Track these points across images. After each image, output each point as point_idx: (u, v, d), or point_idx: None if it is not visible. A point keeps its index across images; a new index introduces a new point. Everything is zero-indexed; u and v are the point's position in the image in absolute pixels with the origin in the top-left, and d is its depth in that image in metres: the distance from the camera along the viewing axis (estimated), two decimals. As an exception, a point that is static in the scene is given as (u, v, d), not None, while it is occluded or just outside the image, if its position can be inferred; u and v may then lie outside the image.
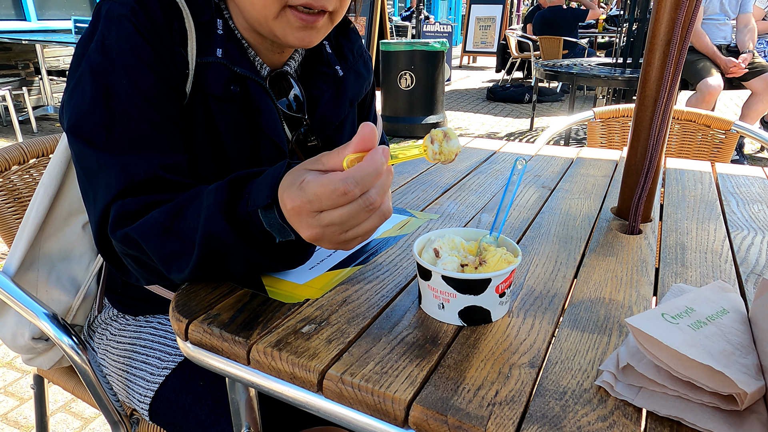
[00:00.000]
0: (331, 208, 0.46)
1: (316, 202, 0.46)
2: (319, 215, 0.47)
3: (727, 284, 0.54)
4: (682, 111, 1.56)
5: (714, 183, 0.91)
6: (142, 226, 0.58)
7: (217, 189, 0.57)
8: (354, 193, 0.46)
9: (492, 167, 1.01)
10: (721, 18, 3.66)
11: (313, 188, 0.46)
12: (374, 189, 0.47)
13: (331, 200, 0.46)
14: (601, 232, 0.71)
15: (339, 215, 0.46)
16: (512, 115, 6.08)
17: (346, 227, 0.47)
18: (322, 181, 0.46)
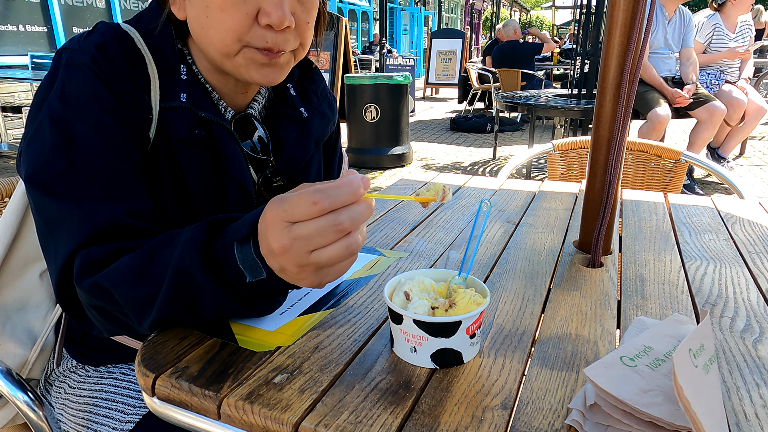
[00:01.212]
0: (301, 219, 0.47)
1: (289, 210, 0.47)
2: (291, 226, 0.47)
3: (684, 316, 0.56)
4: (635, 142, 1.64)
5: (668, 214, 0.95)
6: (112, 273, 0.57)
7: (196, 228, 0.57)
8: (323, 204, 0.46)
9: (458, 202, 1.04)
10: (666, 52, 3.90)
11: (288, 198, 0.47)
12: (346, 211, 0.48)
13: (302, 209, 0.47)
14: (565, 266, 0.73)
15: (307, 228, 0.47)
16: (475, 145, 6.23)
17: (313, 245, 0.47)
18: (298, 192, 0.48)
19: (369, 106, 4.90)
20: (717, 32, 4.15)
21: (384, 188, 4.34)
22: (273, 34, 0.67)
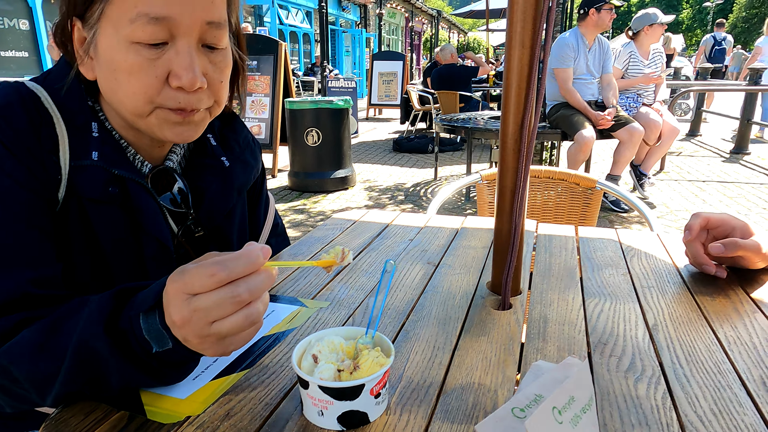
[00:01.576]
0: (200, 291, 0.48)
1: (189, 282, 0.49)
2: (190, 298, 0.48)
3: (576, 359, 0.61)
4: (555, 171, 1.74)
5: (576, 248, 1.03)
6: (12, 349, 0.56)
7: (101, 298, 0.56)
8: (221, 276, 0.48)
9: (383, 243, 1.07)
10: (588, 77, 4.16)
11: (188, 270, 0.48)
12: (244, 282, 0.49)
13: (200, 281, 0.48)
14: (476, 309, 0.77)
15: (205, 300, 0.48)
16: (417, 165, 6.36)
17: (212, 316, 0.49)
18: (197, 264, 0.49)
19: (310, 131, 4.91)
20: (633, 59, 4.48)
21: (327, 212, 4.33)
22: (185, 94, 0.68)
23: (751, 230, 0.85)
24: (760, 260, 0.84)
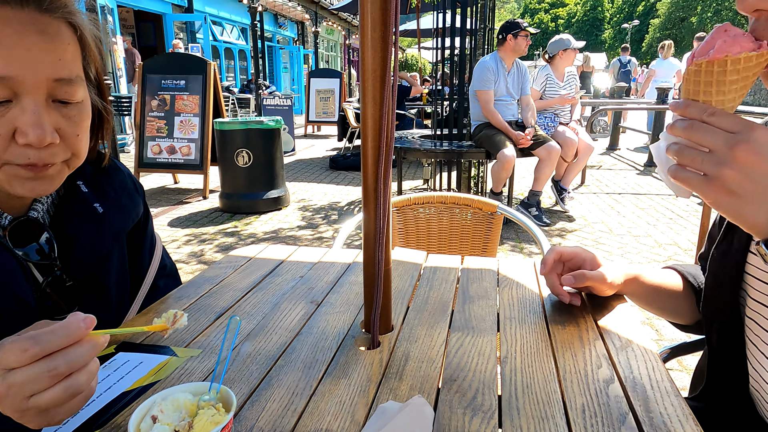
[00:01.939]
0: (15, 366, 0.48)
1: (3, 358, 0.48)
2: (6, 373, 0.48)
3: (422, 399, 0.65)
4: (459, 197, 1.83)
5: (456, 280, 1.08)
6: None
7: None
8: (34, 351, 0.48)
9: (273, 281, 1.08)
10: (508, 99, 4.38)
11: (4, 345, 0.48)
12: (62, 356, 0.49)
13: (14, 356, 0.48)
14: (344, 350, 0.80)
15: (20, 375, 0.48)
16: (353, 183, 6.40)
17: (27, 391, 0.49)
18: (12, 339, 0.48)
19: (240, 151, 4.86)
20: (549, 81, 4.75)
21: (259, 234, 4.27)
22: (35, 150, 0.68)
23: (598, 262, 0.93)
24: (607, 288, 0.92)
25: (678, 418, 0.63)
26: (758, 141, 0.51)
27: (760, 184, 0.51)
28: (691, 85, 0.55)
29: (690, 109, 0.55)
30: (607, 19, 75.47)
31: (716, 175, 0.52)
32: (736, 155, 0.51)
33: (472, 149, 4.34)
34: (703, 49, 0.54)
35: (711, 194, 0.54)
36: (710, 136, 0.53)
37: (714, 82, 0.52)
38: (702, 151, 0.53)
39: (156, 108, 5.64)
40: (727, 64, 0.51)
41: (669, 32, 49.32)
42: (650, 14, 58.51)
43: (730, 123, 0.52)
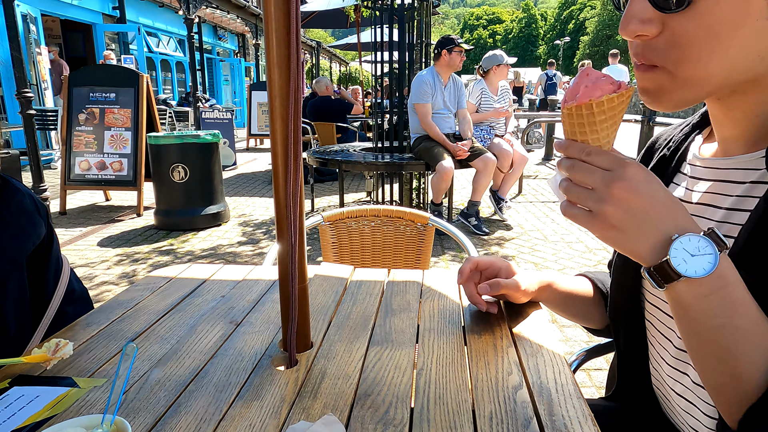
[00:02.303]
0: None
1: None
2: None
3: (334, 417, 0.65)
4: (391, 210, 1.84)
5: (380, 294, 1.09)
6: None
7: None
8: None
9: (192, 302, 1.05)
10: (446, 112, 4.49)
11: None
12: None
13: None
14: (260, 371, 0.79)
15: None
16: (296, 197, 6.32)
17: None
18: None
19: (176, 166, 4.70)
20: (484, 95, 4.91)
21: (196, 251, 4.14)
22: None
23: (513, 270, 0.97)
24: (522, 295, 0.96)
25: (578, 419, 0.66)
26: (632, 178, 0.54)
27: (636, 218, 0.55)
28: (568, 127, 0.59)
29: (570, 149, 0.58)
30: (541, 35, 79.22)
31: (599, 211, 0.56)
32: (613, 192, 0.54)
33: (412, 161, 4.41)
34: (571, 94, 0.57)
35: (597, 229, 0.57)
36: (590, 175, 0.56)
37: (586, 123, 0.56)
38: (586, 189, 0.57)
39: (84, 122, 5.37)
40: (593, 107, 0.55)
41: (597, 48, 52.42)
42: (580, 32, 62.02)
43: (605, 161, 0.56)
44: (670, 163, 0.82)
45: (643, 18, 0.57)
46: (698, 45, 0.56)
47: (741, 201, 0.65)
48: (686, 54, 0.57)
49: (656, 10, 0.57)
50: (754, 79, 0.59)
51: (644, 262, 0.57)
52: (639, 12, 0.58)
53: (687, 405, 0.76)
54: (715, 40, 0.55)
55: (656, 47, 0.58)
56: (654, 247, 0.56)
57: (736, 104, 0.64)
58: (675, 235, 0.55)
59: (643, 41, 0.59)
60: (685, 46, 0.56)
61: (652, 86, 0.62)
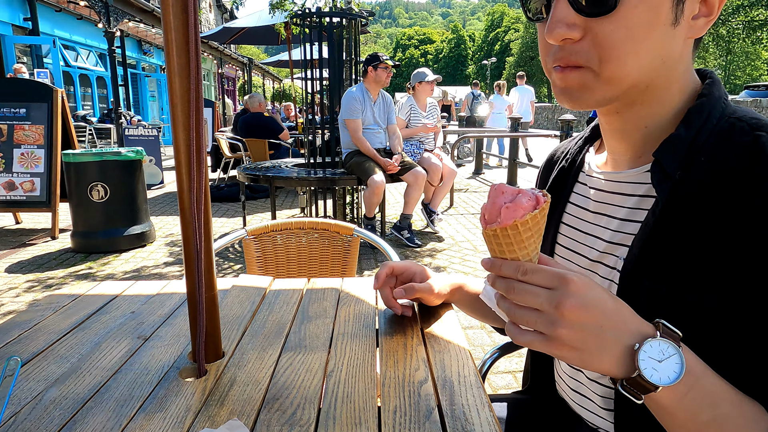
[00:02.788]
0: None
1: None
2: None
3: (238, 422, 0.65)
4: (317, 222, 1.85)
5: (298, 301, 1.10)
6: None
7: None
8: None
9: (100, 319, 1.01)
10: (376, 128, 4.57)
11: None
12: None
13: None
14: (165, 383, 0.77)
15: None
16: (228, 215, 6.18)
17: None
18: None
19: (95, 185, 4.47)
20: (413, 111, 5.05)
21: (118, 274, 3.93)
22: None
23: (428, 274, 1.01)
24: (435, 298, 1.00)
25: (476, 407, 0.70)
26: (579, 293, 0.52)
27: (593, 334, 0.52)
28: (495, 246, 0.56)
29: (504, 269, 0.55)
30: (470, 56, 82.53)
31: (554, 335, 0.53)
32: (564, 314, 0.51)
33: (344, 176, 4.44)
34: (491, 215, 0.55)
35: (556, 352, 0.54)
36: (533, 297, 0.53)
37: (513, 242, 0.54)
38: (532, 311, 0.54)
39: (-11, 139, 4.98)
40: (518, 227, 0.53)
41: (522, 68, 55.30)
42: (506, 53, 65.28)
43: (546, 279, 0.53)
44: (569, 174, 0.88)
45: (568, 23, 0.61)
46: (618, 46, 0.60)
47: (633, 212, 0.71)
48: (608, 54, 0.61)
49: (579, 15, 0.60)
50: (651, 85, 0.65)
51: (614, 376, 0.55)
52: (564, 17, 0.61)
53: (582, 399, 0.82)
54: (632, 41, 0.60)
55: (580, 50, 0.62)
56: (619, 361, 0.54)
57: (629, 117, 0.69)
58: (636, 344, 0.53)
59: (567, 44, 0.63)
60: (607, 47, 0.60)
61: (576, 85, 0.64)
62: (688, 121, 0.65)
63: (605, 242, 0.74)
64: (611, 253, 0.73)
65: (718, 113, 0.65)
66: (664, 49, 0.62)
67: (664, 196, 0.64)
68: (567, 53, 0.63)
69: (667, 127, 0.68)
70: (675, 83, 0.67)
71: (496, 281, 0.57)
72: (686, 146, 0.64)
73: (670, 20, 0.60)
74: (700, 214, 0.61)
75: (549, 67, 0.67)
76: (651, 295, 0.64)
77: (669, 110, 0.68)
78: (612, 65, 0.61)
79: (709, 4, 0.62)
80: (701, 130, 0.64)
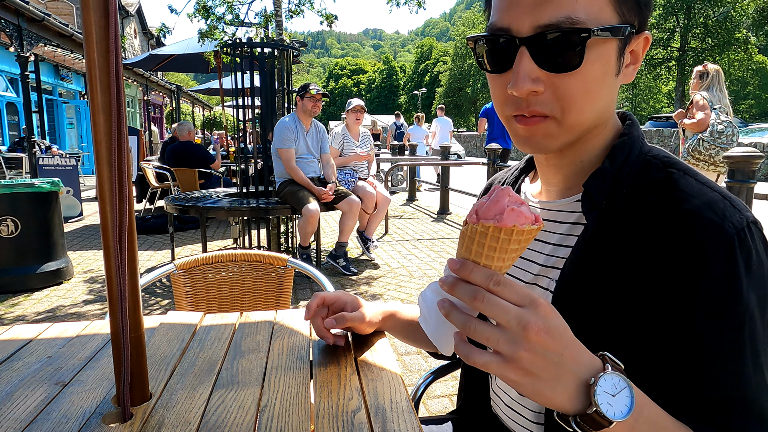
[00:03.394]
0: None
1: None
2: None
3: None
4: (249, 254, 1.83)
5: (231, 336, 1.08)
6: None
7: None
8: None
9: (11, 366, 0.94)
10: (309, 157, 4.59)
11: None
12: None
13: None
14: (87, 431, 0.73)
15: None
16: (155, 247, 5.91)
17: None
18: None
19: (4, 220, 4.14)
20: (346, 140, 5.13)
21: (29, 315, 3.63)
22: None
23: (359, 303, 1.03)
24: (367, 326, 1.02)
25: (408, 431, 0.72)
26: (546, 318, 0.51)
27: (552, 362, 0.51)
28: (474, 246, 0.52)
29: (475, 274, 0.51)
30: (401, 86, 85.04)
31: (513, 356, 0.50)
32: (530, 336, 0.50)
33: (278, 206, 4.40)
34: (491, 211, 0.52)
35: (512, 376, 0.51)
36: (502, 312, 0.50)
37: (498, 248, 0.51)
38: (494, 328, 0.51)
39: None
40: (512, 234, 0.50)
41: (451, 99, 57.78)
42: (435, 84, 67.91)
43: (516, 295, 0.51)
44: None
45: (533, 77, 0.66)
46: (579, 97, 0.67)
47: (564, 238, 0.78)
48: (570, 105, 0.67)
49: (543, 70, 0.66)
50: (595, 126, 0.73)
51: (564, 410, 0.54)
52: (529, 72, 0.65)
53: (515, 414, 0.87)
54: (590, 93, 0.67)
55: (544, 101, 0.67)
56: (572, 395, 0.53)
57: (569, 154, 0.76)
58: (592, 379, 0.53)
59: (531, 96, 0.67)
60: (569, 99, 0.67)
61: (541, 134, 0.70)
62: (612, 156, 0.73)
63: (539, 265, 0.80)
64: (545, 275, 0.79)
65: (637, 151, 0.74)
66: (609, 96, 0.71)
67: (593, 223, 0.72)
68: (531, 104, 0.68)
69: (596, 161, 0.76)
70: (608, 123, 0.76)
71: (458, 286, 0.52)
72: (611, 179, 0.72)
73: (615, 71, 0.69)
74: (623, 239, 0.68)
75: (507, 115, 0.72)
76: (582, 314, 0.70)
77: (599, 146, 0.76)
78: (573, 114, 0.68)
79: (635, 54, 0.72)
80: (623, 165, 0.73)
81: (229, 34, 6.16)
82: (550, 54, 0.64)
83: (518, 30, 0.66)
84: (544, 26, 0.64)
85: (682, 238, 0.63)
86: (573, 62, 0.64)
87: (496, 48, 0.69)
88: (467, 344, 0.53)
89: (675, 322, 0.63)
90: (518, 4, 0.65)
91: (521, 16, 0.65)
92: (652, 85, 40.49)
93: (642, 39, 0.71)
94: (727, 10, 29.76)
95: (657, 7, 31.95)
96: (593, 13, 0.64)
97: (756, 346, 0.62)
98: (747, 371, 0.61)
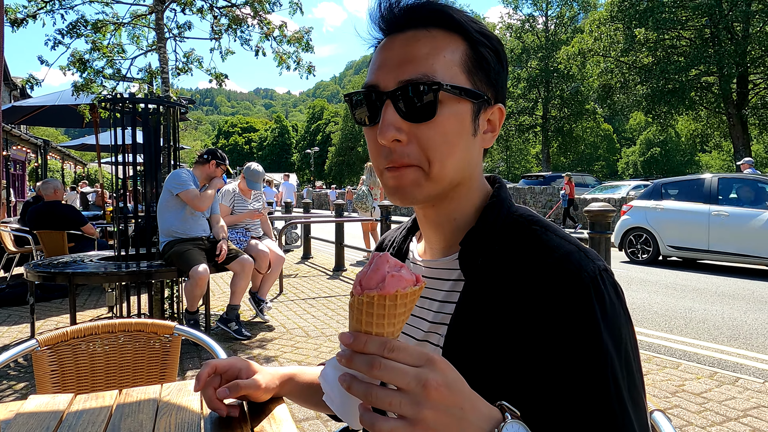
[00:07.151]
0: None
1: None
2: None
3: None
4: (130, 323, 1.67)
5: (107, 421, 0.96)
6: None
7: None
8: None
9: None
10: (199, 215, 4.39)
11: None
12: None
13: None
14: None
15: None
16: (10, 321, 5.15)
17: None
18: None
19: None
20: (237, 197, 5.00)
21: None
22: None
23: (254, 369, 0.98)
24: (263, 393, 0.97)
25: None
26: (443, 373, 0.52)
27: (455, 417, 0.52)
28: (364, 317, 0.53)
29: (369, 345, 0.52)
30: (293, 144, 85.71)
31: (418, 417, 0.50)
32: (431, 394, 0.50)
33: (162, 268, 4.09)
34: (372, 282, 0.53)
35: None
36: (401, 376, 0.51)
37: (386, 314, 0.52)
38: (395, 393, 0.51)
39: None
40: (397, 299, 0.52)
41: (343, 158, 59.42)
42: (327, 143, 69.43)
43: (412, 357, 0.52)
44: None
45: (396, 126, 0.70)
46: (438, 148, 0.72)
47: (449, 295, 0.81)
48: (432, 155, 0.72)
49: (405, 121, 0.71)
50: (460, 183, 0.78)
51: None
52: (393, 122, 0.70)
53: None
54: (448, 145, 0.73)
55: (410, 152, 0.72)
56: None
57: (442, 210, 0.82)
58: (494, 429, 0.54)
59: (397, 146, 0.72)
60: (430, 149, 0.72)
61: (409, 183, 0.74)
62: (485, 217, 0.80)
63: (429, 322, 0.83)
64: (435, 331, 0.82)
65: (505, 211, 0.82)
66: (468, 154, 0.77)
67: (471, 279, 0.76)
68: (399, 155, 0.73)
69: (470, 221, 0.83)
70: (474, 183, 0.83)
71: (355, 359, 0.52)
72: (485, 237, 0.78)
73: (471, 131, 0.76)
74: (498, 293, 0.74)
75: (381, 168, 0.76)
76: (471, 365, 0.72)
77: (471, 206, 0.83)
78: (437, 165, 0.73)
79: (492, 123, 0.81)
80: (494, 224, 0.79)
81: (108, 87, 5.84)
82: (409, 105, 0.72)
83: (385, 86, 0.73)
84: (405, 81, 0.71)
85: (545, 288, 0.70)
86: (428, 112, 0.72)
87: (368, 102, 0.76)
88: (371, 413, 0.52)
89: (545, 366, 0.69)
90: (386, 64, 0.74)
91: (388, 74, 0.73)
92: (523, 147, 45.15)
93: (496, 109, 0.80)
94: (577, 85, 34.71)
95: (522, 80, 36.42)
96: (448, 77, 0.73)
97: (618, 382, 0.69)
98: (613, 407, 0.68)
